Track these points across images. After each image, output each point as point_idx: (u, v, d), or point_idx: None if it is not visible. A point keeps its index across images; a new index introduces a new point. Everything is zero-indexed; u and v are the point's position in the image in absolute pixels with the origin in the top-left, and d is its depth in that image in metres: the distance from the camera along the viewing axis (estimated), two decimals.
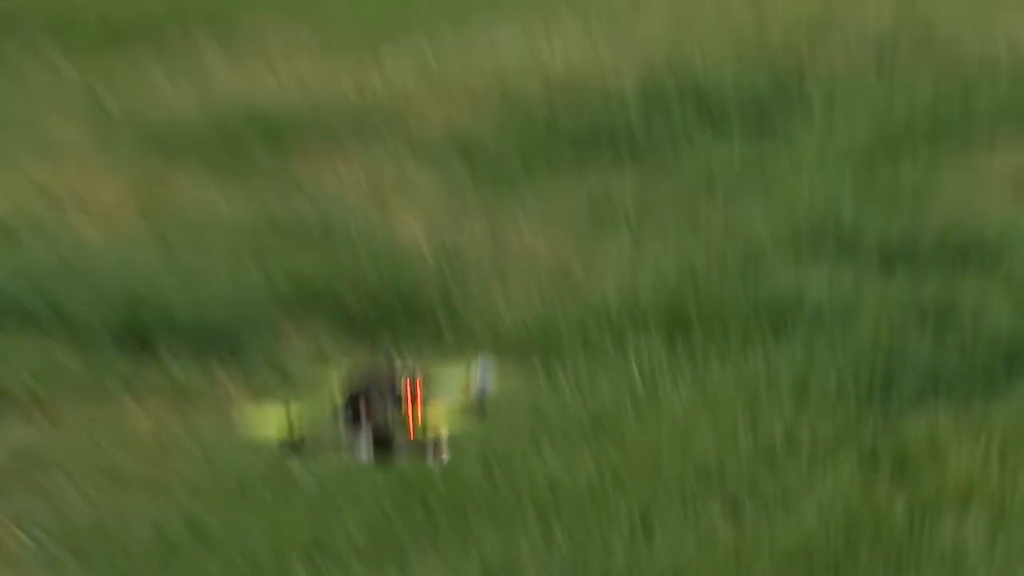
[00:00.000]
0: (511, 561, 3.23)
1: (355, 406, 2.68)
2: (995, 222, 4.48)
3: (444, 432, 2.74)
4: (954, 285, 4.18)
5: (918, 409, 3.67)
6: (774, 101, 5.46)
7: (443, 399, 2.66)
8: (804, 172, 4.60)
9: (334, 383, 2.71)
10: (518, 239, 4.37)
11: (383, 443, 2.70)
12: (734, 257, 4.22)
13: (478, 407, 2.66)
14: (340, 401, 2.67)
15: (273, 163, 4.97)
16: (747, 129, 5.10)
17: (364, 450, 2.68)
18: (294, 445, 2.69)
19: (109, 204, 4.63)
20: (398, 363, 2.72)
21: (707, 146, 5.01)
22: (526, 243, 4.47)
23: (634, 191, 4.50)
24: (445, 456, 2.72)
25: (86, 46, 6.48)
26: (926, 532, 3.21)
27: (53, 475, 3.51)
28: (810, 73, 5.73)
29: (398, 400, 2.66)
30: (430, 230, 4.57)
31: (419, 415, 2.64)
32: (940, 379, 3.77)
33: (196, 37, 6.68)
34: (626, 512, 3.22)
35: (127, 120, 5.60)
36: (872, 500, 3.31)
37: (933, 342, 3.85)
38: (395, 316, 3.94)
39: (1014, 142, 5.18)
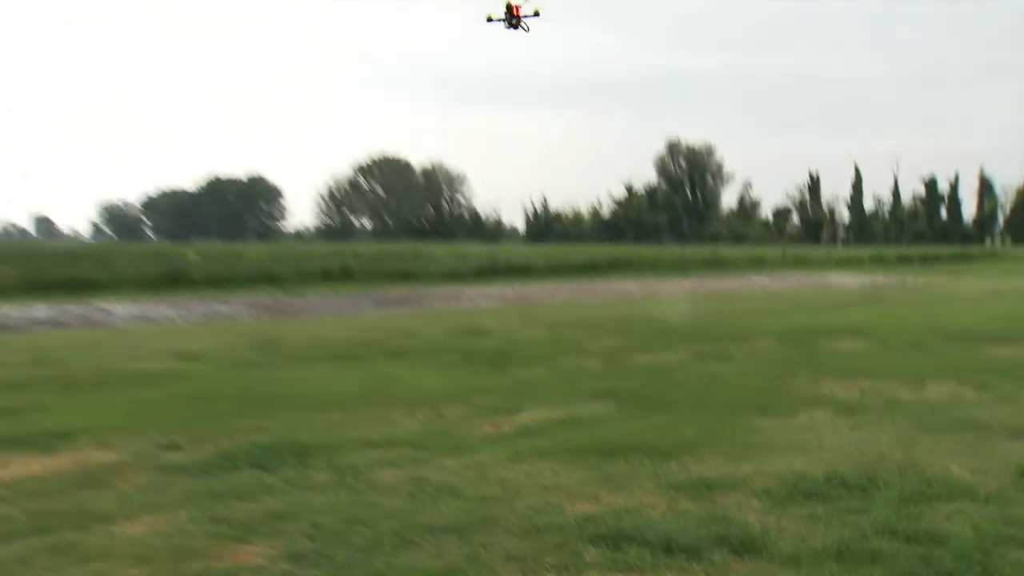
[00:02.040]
0: None
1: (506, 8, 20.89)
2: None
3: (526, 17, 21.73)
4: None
5: None
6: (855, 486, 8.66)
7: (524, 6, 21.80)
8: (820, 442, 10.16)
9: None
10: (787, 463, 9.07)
11: (512, 20, 21.57)
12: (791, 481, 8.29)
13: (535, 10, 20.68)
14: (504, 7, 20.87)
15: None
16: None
17: (506, 20, 20.68)
18: (489, 19, 20.39)
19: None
20: None
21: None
22: (778, 466, 8.93)
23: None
24: (529, 28, 21.44)
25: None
26: None
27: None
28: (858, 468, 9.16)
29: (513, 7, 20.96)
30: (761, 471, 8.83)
31: (517, 10, 20.78)
32: None
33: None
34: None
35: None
36: None
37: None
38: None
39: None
